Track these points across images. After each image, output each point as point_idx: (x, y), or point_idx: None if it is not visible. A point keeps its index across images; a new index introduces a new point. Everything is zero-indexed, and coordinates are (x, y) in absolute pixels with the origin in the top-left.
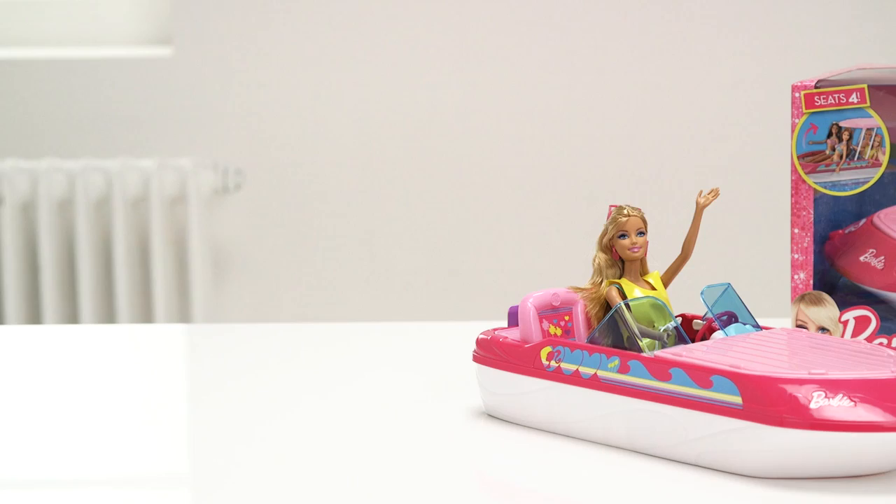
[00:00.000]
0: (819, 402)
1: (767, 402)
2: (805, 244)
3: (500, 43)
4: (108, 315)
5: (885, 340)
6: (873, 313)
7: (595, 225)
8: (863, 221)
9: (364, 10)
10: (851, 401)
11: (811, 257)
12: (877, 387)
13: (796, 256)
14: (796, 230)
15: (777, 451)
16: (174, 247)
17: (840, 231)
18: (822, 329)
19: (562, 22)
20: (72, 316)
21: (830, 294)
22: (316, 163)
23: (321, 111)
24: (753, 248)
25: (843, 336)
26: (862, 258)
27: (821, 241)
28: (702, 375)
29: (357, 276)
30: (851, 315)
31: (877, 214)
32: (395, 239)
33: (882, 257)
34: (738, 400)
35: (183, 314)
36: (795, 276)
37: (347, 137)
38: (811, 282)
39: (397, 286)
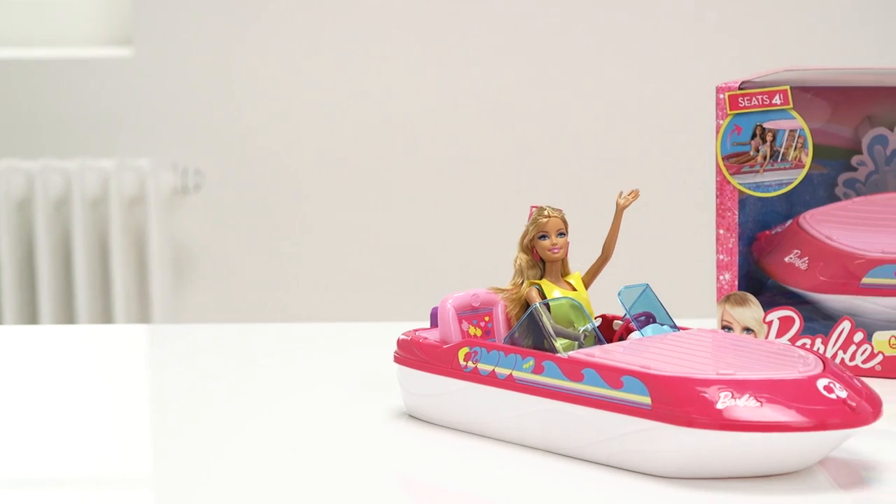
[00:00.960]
0: (726, 403)
1: (675, 402)
2: (730, 245)
3: (438, 47)
4: (67, 316)
5: (808, 341)
6: (797, 314)
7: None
8: (789, 222)
9: (324, 10)
10: (758, 401)
11: (736, 258)
12: (784, 387)
13: (721, 257)
14: (721, 231)
15: (685, 451)
16: (133, 247)
17: (767, 232)
18: (747, 329)
19: (489, 23)
20: (31, 316)
21: (758, 294)
22: (275, 164)
23: (281, 112)
24: (681, 248)
25: (767, 336)
26: (787, 259)
27: (749, 241)
28: (613, 376)
29: (316, 277)
30: (776, 315)
31: (803, 215)
32: (354, 239)
33: (806, 258)
34: (647, 400)
35: (142, 315)
36: (721, 277)
37: (306, 138)
38: (736, 282)
39: (356, 286)
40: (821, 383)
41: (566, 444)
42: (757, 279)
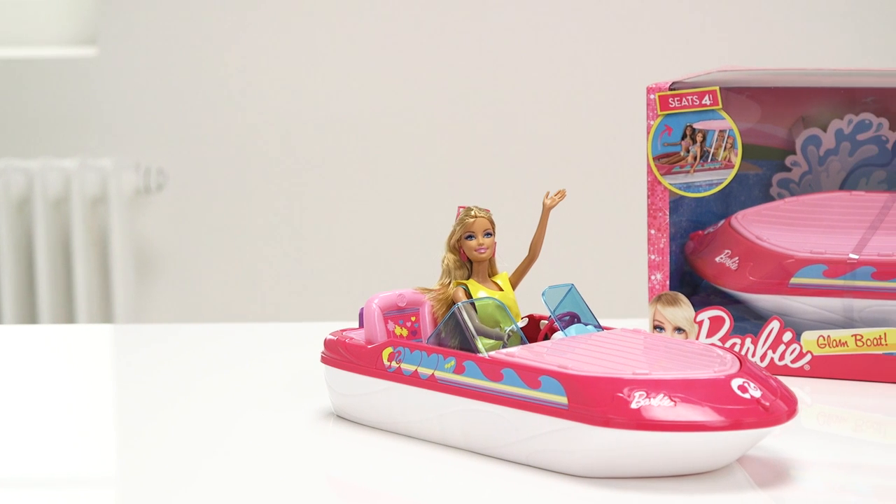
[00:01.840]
0: (640, 402)
1: (591, 402)
2: (661, 245)
3: (377, 51)
4: (29, 315)
5: (738, 341)
6: (727, 314)
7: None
8: (722, 222)
9: (288, 11)
10: (672, 401)
11: (668, 258)
12: (698, 387)
13: (653, 257)
14: (653, 231)
15: (601, 451)
16: (96, 247)
17: (700, 232)
18: (679, 329)
19: (419, 26)
20: None
21: (693, 294)
22: (238, 163)
23: (243, 112)
24: (615, 249)
25: (697, 336)
26: (717, 259)
27: (685, 241)
28: (531, 376)
29: (278, 277)
30: (706, 315)
31: (735, 216)
32: (314, 238)
33: (736, 258)
34: (563, 400)
35: (105, 315)
36: (652, 277)
37: (269, 138)
38: (668, 282)
39: (317, 286)
40: (735, 383)
41: (487, 443)
42: (692, 279)
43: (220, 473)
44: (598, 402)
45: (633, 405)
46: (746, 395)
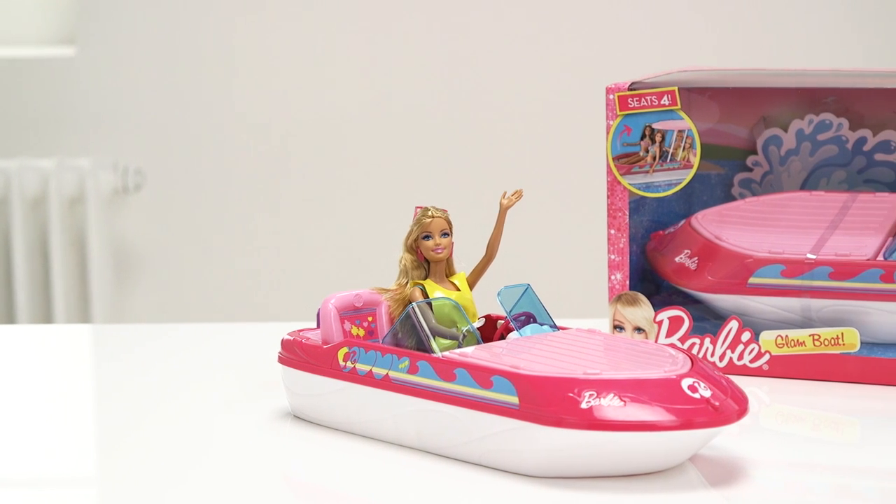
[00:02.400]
0: (590, 402)
1: (542, 402)
2: (621, 245)
3: (337, 49)
4: (7, 315)
5: (697, 341)
6: (686, 314)
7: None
8: (682, 223)
9: (264, 12)
10: (622, 400)
11: (627, 258)
12: (648, 386)
13: (613, 257)
14: (612, 231)
15: (552, 451)
16: (74, 247)
17: (661, 232)
18: (639, 329)
19: (371, 23)
20: None
21: (655, 294)
22: (215, 164)
23: (221, 112)
24: (575, 248)
25: (657, 336)
26: (677, 259)
27: (646, 241)
28: (483, 376)
29: (257, 275)
30: (665, 315)
31: (695, 216)
32: (296, 237)
33: (696, 258)
34: (515, 400)
35: (83, 315)
36: (612, 277)
37: (247, 138)
38: (628, 282)
39: (299, 285)
40: (685, 383)
41: (440, 443)
42: (654, 279)
43: (177, 473)
44: (549, 402)
45: (583, 405)
46: (696, 395)
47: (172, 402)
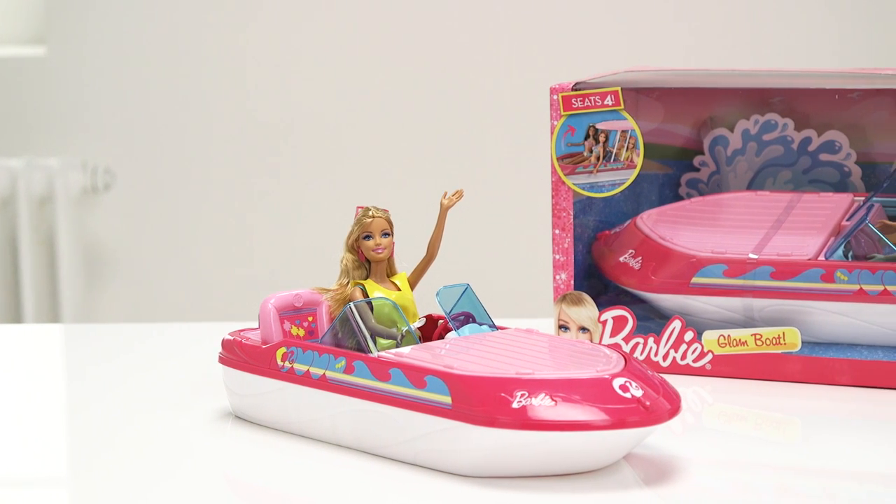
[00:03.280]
0: (521, 402)
1: (474, 401)
2: (566, 245)
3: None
4: None
5: (641, 340)
6: (630, 313)
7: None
8: (628, 222)
9: (234, 11)
10: (553, 400)
11: (572, 258)
12: (580, 386)
13: (558, 257)
14: (557, 231)
15: (485, 450)
16: (43, 247)
17: (608, 232)
18: (583, 329)
19: (319, 21)
20: None
21: (603, 294)
22: (185, 163)
23: (189, 111)
24: (521, 248)
25: (601, 336)
26: (622, 259)
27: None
28: (417, 376)
29: (227, 274)
30: (610, 315)
31: (640, 215)
32: (266, 236)
33: (640, 258)
34: (448, 400)
35: (52, 315)
36: (557, 277)
37: (216, 137)
38: (572, 282)
39: (269, 284)
40: (616, 382)
41: (376, 443)
42: (600, 279)
43: (118, 473)
44: (481, 401)
45: (515, 405)
46: (627, 395)
47: (126, 402)
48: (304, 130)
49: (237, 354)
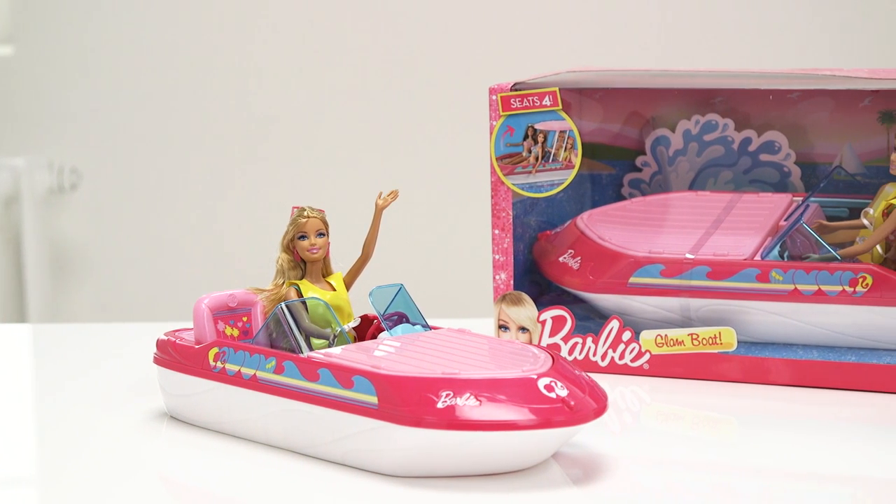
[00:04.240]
0: (446, 402)
1: (399, 401)
2: (505, 245)
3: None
4: None
5: (580, 340)
6: (569, 313)
7: None
8: (568, 223)
9: (199, 10)
10: (478, 400)
11: (511, 258)
12: (505, 386)
13: (497, 257)
14: (497, 231)
15: (410, 450)
16: (9, 246)
17: (549, 232)
18: (523, 329)
19: (250, 18)
20: None
21: (543, 294)
22: (151, 163)
23: (156, 111)
24: (461, 248)
25: (540, 336)
26: (561, 259)
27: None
28: (345, 376)
29: (195, 274)
30: (549, 315)
31: (581, 216)
32: (233, 234)
33: (579, 258)
34: (374, 400)
35: (19, 315)
36: (497, 277)
37: (182, 137)
38: (512, 282)
39: (238, 283)
40: (542, 382)
41: (305, 443)
42: (540, 279)
43: (53, 473)
44: (406, 401)
45: (440, 405)
46: (552, 395)
47: (71, 402)
48: (258, 131)
49: (171, 355)
